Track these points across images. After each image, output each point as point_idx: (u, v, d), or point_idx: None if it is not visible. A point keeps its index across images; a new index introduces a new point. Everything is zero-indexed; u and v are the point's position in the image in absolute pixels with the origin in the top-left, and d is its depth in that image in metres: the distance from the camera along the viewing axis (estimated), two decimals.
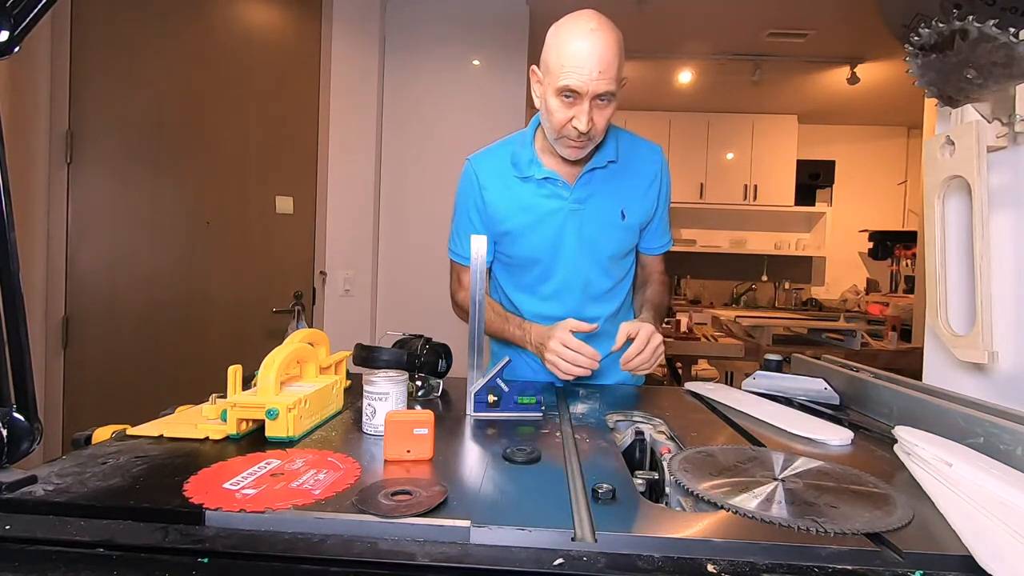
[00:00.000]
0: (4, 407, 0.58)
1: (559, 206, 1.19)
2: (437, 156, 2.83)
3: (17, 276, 0.59)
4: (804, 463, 0.68)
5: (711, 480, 0.63)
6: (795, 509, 0.55)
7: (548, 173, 1.18)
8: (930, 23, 0.85)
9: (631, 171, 1.22)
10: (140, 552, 0.47)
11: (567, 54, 1.01)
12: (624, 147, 1.22)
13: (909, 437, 0.72)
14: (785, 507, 0.56)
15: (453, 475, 0.64)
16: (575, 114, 1.05)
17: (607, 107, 1.06)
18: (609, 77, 1.01)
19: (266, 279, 2.37)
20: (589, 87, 1.01)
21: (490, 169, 1.23)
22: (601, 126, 1.08)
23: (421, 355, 1.04)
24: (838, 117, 4.94)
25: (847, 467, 0.68)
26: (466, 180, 1.25)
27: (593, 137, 1.09)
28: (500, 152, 1.24)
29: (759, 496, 0.58)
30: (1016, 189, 0.89)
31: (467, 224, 1.25)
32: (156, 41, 2.15)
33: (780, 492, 0.59)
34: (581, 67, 1.00)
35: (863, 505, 0.57)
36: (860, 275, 5.13)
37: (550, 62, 1.05)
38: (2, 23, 0.58)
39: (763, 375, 1.12)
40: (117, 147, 2.11)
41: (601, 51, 1.00)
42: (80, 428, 0.76)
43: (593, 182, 1.19)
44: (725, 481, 0.62)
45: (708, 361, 2.91)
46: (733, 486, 0.61)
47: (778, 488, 0.60)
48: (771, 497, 0.58)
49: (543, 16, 2.96)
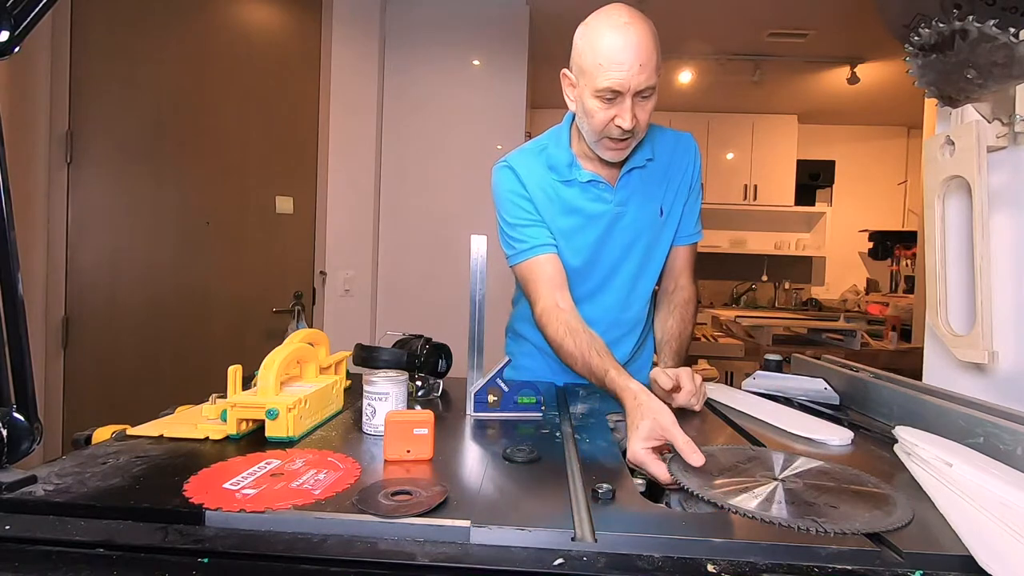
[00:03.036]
0: (4, 407, 0.58)
1: (604, 209, 1.16)
2: (437, 156, 2.83)
3: (17, 276, 0.59)
4: (804, 463, 0.68)
5: (711, 479, 0.63)
6: (795, 509, 0.55)
7: (591, 176, 1.14)
8: (930, 23, 0.85)
9: (667, 167, 1.19)
10: (140, 552, 0.47)
11: (603, 53, 0.97)
12: (659, 143, 1.19)
13: (909, 437, 0.72)
14: (785, 507, 0.56)
15: (453, 475, 0.64)
16: (617, 113, 1.00)
17: (649, 102, 1.02)
18: (650, 71, 0.97)
19: (266, 279, 2.37)
20: (630, 84, 0.97)
21: (529, 171, 1.17)
22: (644, 122, 1.04)
23: (421, 355, 1.04)
24: (838, 117, 4.94)
25: (847, 467, 0.68)
26: (507, 180, 1.17)
27: (637, 135, 1.06)
28: (534, 156, 1.19)
29: (759, 496, 0.58)
30: (1016, 189, 0.89)
31: (526, 214, 1.15)
32: (156, 41, 2.15)
33: (780, 492, 0.59)
34: (620, 64, 0.96)
35: (863, 505, 0.57)
36: (860, 275, 5.13)
37: (584, 63, 1.01)
38: (2, 23, 0.58)
39: (763, 375, 1.12)
40: (117, 147, 2.11)
41: (638, 44, 0.95)
42: (80, 428, 0.76)
43: (632, 183, 1.17)
44: (725, 481, 0.62)
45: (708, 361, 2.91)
46: (733, 486, 0.61)
47: (778, 488, 0.60)
48: (771, 497, 0.58)
49: (543, 16, 2.96)
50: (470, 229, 1.20)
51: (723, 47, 3.64)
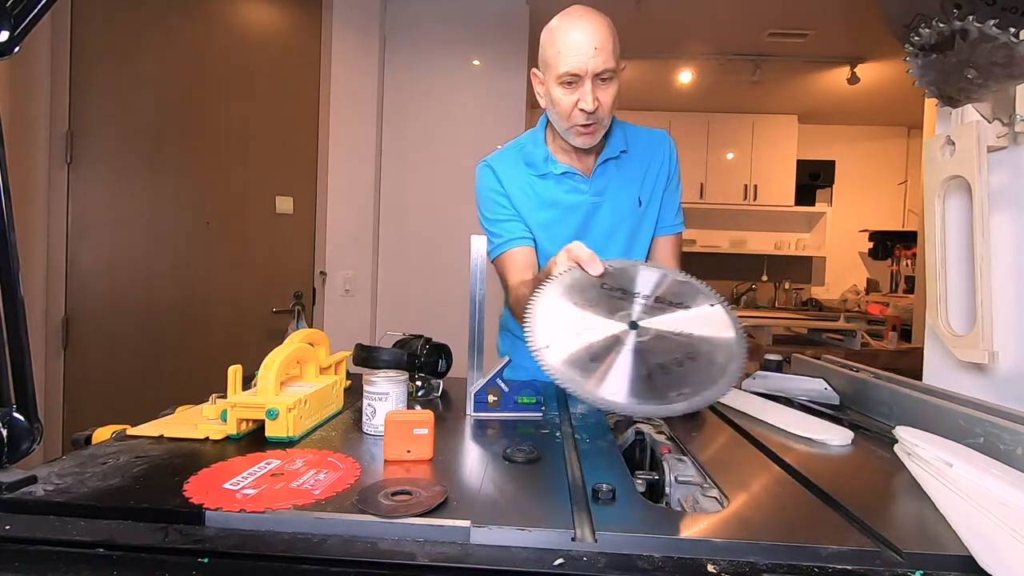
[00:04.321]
0: (4, 407, 0.58)
1: (580, 200, 1.20)
2: (437, 156, 2.83)
3: (17, 276, 0.59)
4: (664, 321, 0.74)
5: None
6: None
7: (565, 168, 1.19)
8: (930, 23, 0.85)
9: (642, 157, 1.23)
10: (140, 552, 0.47)
11: (562, 42, 1.05)
12: (632, 136, 1.24)
13: (909, 437, 0.72)
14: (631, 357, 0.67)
15: (453, 475, 0.64)
16: (579, 96, 1.07)
17: (609, 85, 1.08)
18: (606, 54, 1.04)
19: (266, 279, 2.37)
20: (588, 66, 1.04)
21: (507, 169, 1.22)
22: (607, 104, 1.09)
23: (421, 355, 1.04)
24: (838, 117, 4.94)
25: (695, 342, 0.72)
26: (486, 178, 1.23)
27: (600, 119, 1.10)
28: (511, 154, 1.24)
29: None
30: (1016, 189, 0.89)
31: (503, 210, 1.21)
32: (156, 41, 2.15)
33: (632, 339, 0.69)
34: (577, 50, 1.04)
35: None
36: (860, 275, 5.13)
37: (547, 55, 1.09)
38: (2, 23, 0.58)
39: (763, 375, 1.12)
40: (117, 147, 2.11)
41: (592, 31, 1.04)
42: (80, 428, 0.76)
43: (608, 173, 1.21)
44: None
45: None
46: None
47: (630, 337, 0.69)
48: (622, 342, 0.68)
49: (543, 16, 2.94)
50: (470, 229, 1.20)
51: (723, 47, 3.64)
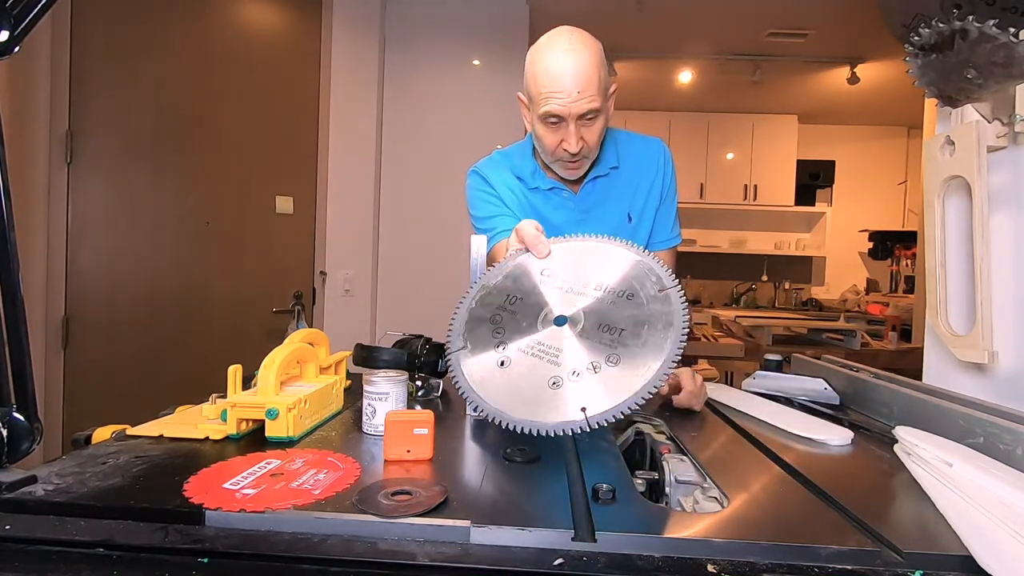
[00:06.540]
0: (4, 407, 0.58)
1: (567, 217, 1.18)
2: (437, 156, 2.83)
3: (17, 276, 0.59)
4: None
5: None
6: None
7: (552, 184, 1.17)
8: (930, 23, 0.85)
9: (634, 172, 1.20)
10: (140, 552, 0.47)
11: (544, 79, 1.00)
12: (624, 150, 1.21)
13: (909, 437, 0.72)
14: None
15: (453, 475, 0.64)
16: (563, 137, 1.04)
17: (595, 123, 1.04)
18: (590, 95, 0.99)
19: (266, 279, 2.37)
20: (571, 109, 1.00)
21: (496, 174, 1.21)
22: (593, 142, 1.06)
23: (421, 355, 1.04)
24: (838, 117, 4.94)
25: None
26: (476, 181, 1.22)
27: (587, 155, 1.08)
28: (501, 164, 1.22)
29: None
30: (1016, 189, 0.89)
31: (493, 207, 1.19)
32: (156, 41, 2.15)
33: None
34: (559, 91, 0.99)
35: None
36: (860, 275, 5.13)
37: (530, 89, 1.04)
38: (2, 23, 0.58)
39: (763, 375, 1.12)
40: (117, 147, 2.11)
41: (575, 71, 0.98)
42: (80, 428, 0.76)
43: (596, 190, 1.18)
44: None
45: (708, 361, 2.91)
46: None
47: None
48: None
49: (543, 16, 2.96)
50: (470, 229, 1.20)
51: (723, 47, 3.64)
